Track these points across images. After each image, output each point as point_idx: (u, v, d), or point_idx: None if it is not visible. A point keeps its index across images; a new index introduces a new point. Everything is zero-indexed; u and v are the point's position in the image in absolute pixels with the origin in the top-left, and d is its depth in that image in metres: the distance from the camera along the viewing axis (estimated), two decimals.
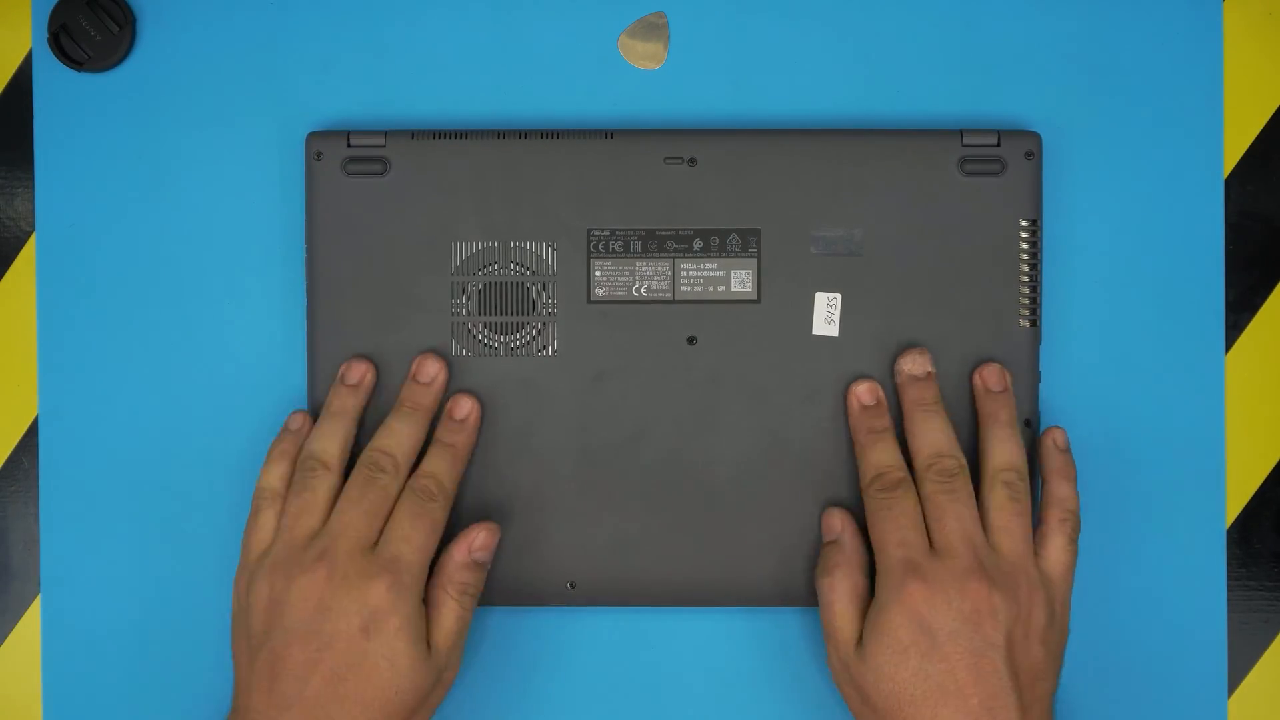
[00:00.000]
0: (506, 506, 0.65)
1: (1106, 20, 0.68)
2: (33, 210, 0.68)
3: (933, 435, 0.63)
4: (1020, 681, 0.59)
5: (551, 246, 0.65)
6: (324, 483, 0.62)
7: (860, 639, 0.61)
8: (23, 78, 0.68)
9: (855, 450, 0.64)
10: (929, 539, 0.61)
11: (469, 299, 0.65)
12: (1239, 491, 0.68)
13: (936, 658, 0.59)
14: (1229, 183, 0.68)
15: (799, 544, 0.65)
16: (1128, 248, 0.67)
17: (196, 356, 0.67)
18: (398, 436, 0.63)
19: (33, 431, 0.68)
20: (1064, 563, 0.63)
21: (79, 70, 0.67)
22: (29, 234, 0.68)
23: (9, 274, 0.68)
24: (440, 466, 0.63)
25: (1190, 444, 0.68)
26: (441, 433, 0.64)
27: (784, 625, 0.67)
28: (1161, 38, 0.68)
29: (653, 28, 0.68)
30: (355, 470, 0.63)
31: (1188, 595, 0.67)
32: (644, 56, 0.67)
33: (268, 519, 0.63)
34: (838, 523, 0.64)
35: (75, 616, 0.67)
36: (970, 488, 0.62)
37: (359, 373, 0.64)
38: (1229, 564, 0.68)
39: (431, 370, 0.64)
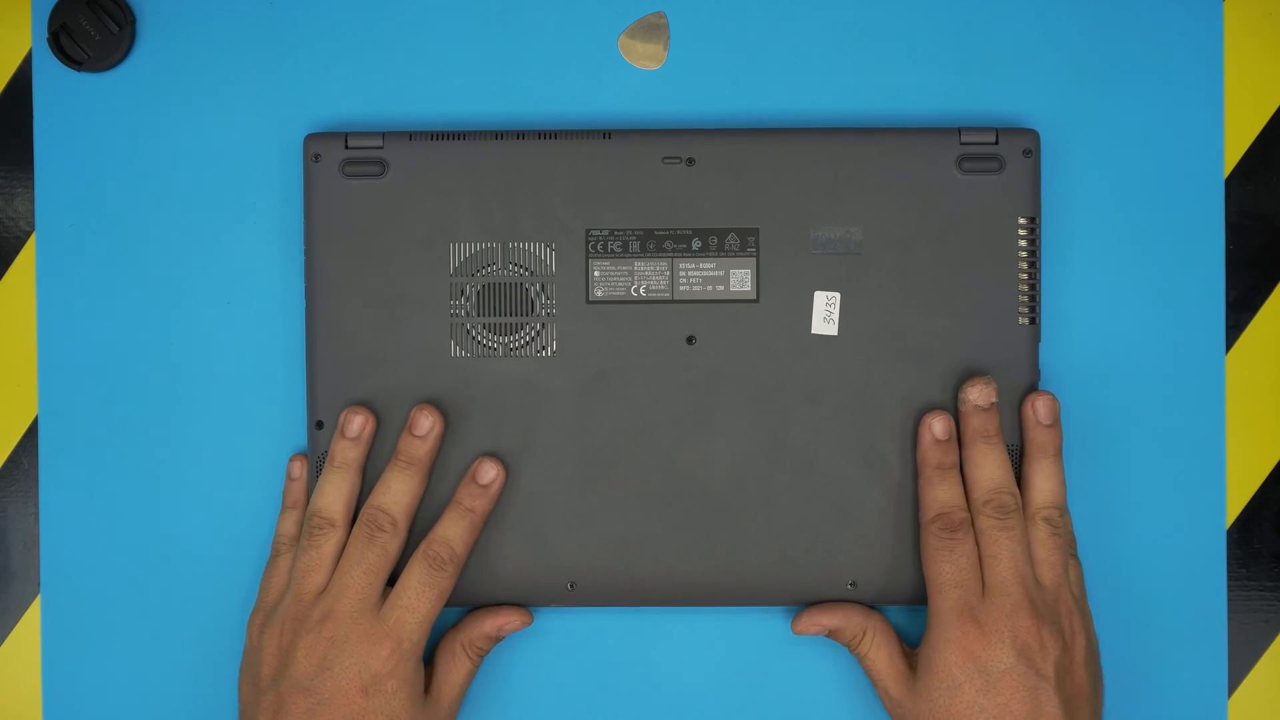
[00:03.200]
0: (506, 506, 0.65)
1: (1106, 19, 0.67)
2: (33, 210, 0.68)
3: (993, 469, 0.64)
4: (1069, 707, 0.62)
5: (550, 247, 0.65)
6: (329, 540, 0.64)
7: (911, 673, 0.64)
8: (23, 78, 0.68)
9: (920, 482, 0.65)
10: (980, 574, 0.63)
11: (468, 300, 0.65)
12: (1239, 491, 0.68)
13: (992, 693, 0.61)
14: (1229, 183, 0.68)
15: (798, 544, 0.65)
16: (1127, 247, 0.67)
17: (196, 357, 0.67)
18: (394, 494, 0.64)
19: (33, 431, 0.68)
20: (1080, 581, 0.65)
21: (79, 70, 0.67)
22: (29, 234, 0.68)
23: (9, 274, 0.68)
24: (454, 532, 0.64)
25: (1190, 444, 0.67)
26: (462, 495, 0.65)
27: (783, 625, 0.67)
28: (1161, 37, 0.68)
29: (653, 28, 0.68)
30: (356, 528, 0.64)
31: (1188, 595, 0.67)
32: (644, 56, 0.67)
33: (284, 564, 0.65)
34: (825, 619, 0.65)
35: (75, 616, 0.68)
36: (1023, 523, 0.63)
37: (358, 425, 0.65)
38: (1229, 564, 0.68)
39: (425, 424, 0.64)
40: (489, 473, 0.65)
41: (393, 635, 0.62)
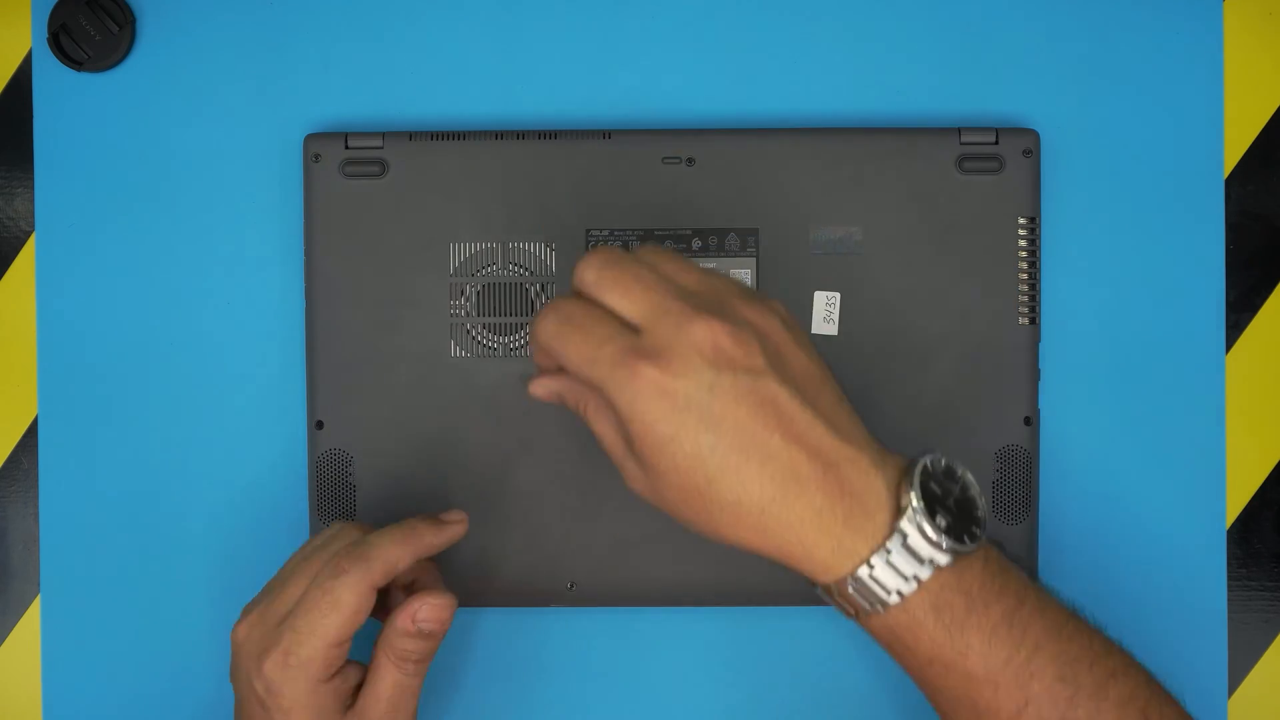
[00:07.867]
0: (506, 506, 0.65)
1: (1106, 19, 0.67)
2: (33, 210, 0.68)
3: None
4: (807, 392, 0.51)
5: (550, 247, 0.65)
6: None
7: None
8: (23, 78, 0.68)
9: (536, 357, 0.55)
10: (619, 319, 0.51)
11: (468, 300, 0.65)
12: (1239, 491, 0.68)
13: (713, 421, 0.49)
14: (1229, 183, 0.68)
15: None
16: (1127, 247, 0.67)
17: (196, 358, 0.67)
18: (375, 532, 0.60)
19: (32, 431, 0.68)
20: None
21: (79, 70, 0.67)
22: (29, 234, 0.68)
23: (9, 274, 0.68)
24: (381, 538, 0.58)
25: (1190, 444, 0.67)
26: (414, 520, 0.61)
27: (783, 625, 0.67)
28: (1161, 37, 0.68)
29: None
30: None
31: (1188, 595, 0.67)
32: None
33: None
34: (555, 383, 0.55)
35: (75, 616, 0.68)
36: (630, 260, 0.52)
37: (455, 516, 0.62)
38: (1229, 564, 0.68)
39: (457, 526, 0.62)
40: (454, 514, 0.62)
41: (280, 644, 0.57)
